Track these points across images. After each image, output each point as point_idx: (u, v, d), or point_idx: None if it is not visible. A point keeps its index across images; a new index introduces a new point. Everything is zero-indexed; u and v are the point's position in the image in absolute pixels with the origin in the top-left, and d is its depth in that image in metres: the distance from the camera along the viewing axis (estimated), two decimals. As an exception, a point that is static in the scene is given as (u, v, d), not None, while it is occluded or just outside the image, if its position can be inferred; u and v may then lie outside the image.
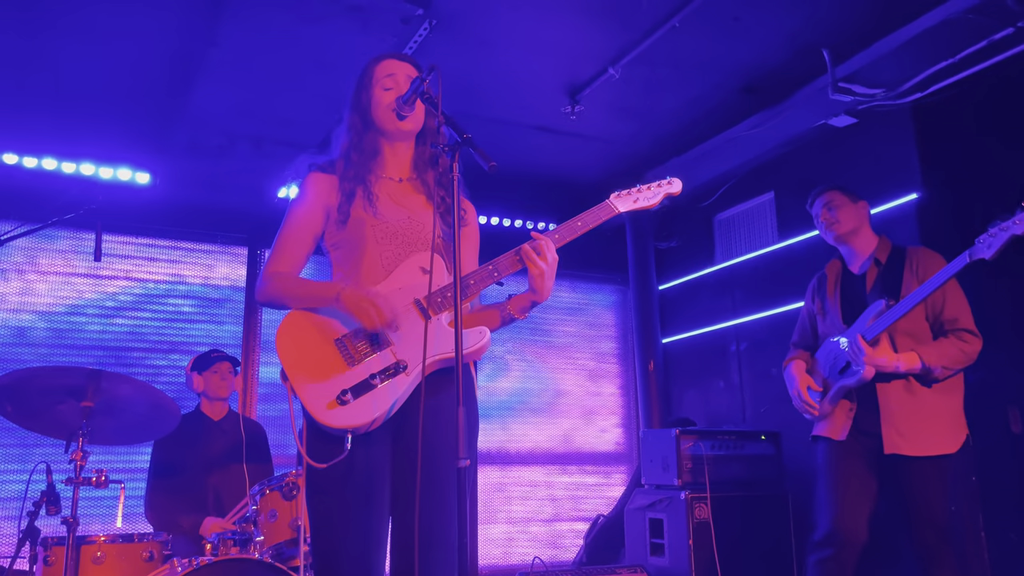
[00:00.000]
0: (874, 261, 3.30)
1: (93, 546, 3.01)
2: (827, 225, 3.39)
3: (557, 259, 2.10)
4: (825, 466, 3.26)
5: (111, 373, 2.99)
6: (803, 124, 4.62)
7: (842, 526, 3.11)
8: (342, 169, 2.22)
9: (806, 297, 3.58)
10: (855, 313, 3.23)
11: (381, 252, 2.13)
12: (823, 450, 3.29)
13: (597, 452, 6.27)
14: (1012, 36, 3.63)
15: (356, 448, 1.98)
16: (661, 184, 2.33)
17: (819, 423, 3.35)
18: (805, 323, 3.57)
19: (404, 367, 2.01)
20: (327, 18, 3.65)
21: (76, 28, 3.86)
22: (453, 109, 2.04)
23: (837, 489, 3.17)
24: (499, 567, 5.66)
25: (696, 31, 3.89)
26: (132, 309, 5.23)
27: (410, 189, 2.26)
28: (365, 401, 1.97)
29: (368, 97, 2.24)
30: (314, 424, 2.00)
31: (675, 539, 4.33)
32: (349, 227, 2.15)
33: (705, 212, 5.81)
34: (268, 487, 3.27)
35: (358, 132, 2.24)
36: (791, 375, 3.45)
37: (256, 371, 5.47)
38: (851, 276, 3.37)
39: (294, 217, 2.22)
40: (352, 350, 2.03)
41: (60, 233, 5.06)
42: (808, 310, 3.55)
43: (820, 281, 3.51)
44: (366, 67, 2.30)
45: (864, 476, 3.15)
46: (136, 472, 4.49)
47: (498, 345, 6.07)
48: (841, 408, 3.25)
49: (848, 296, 3.34)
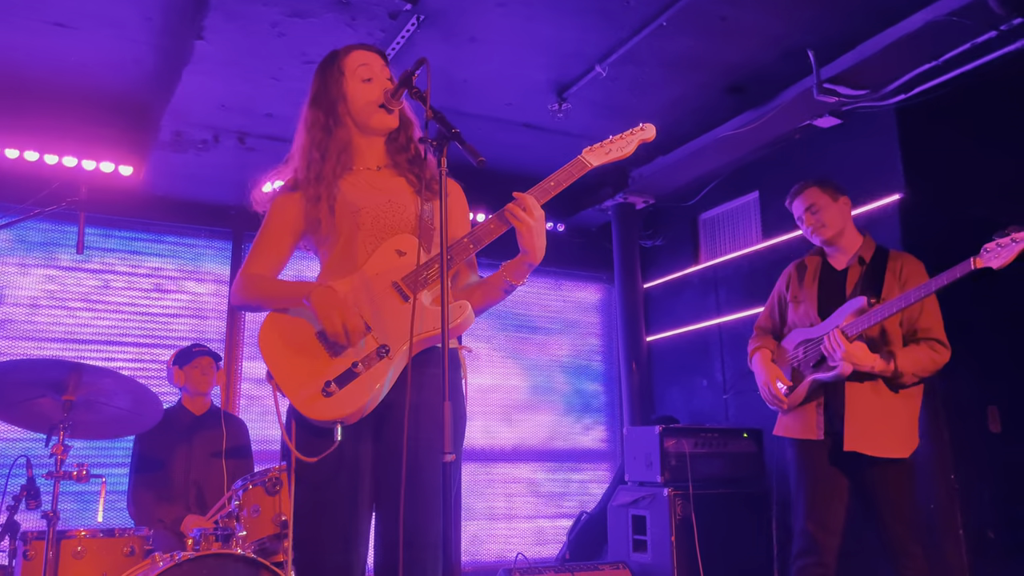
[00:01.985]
0: (858, 259, 3.29)
1: (73, 540, 2.99)
2: (813, 230, 3.32)
3: (544, 215, 2.05)
4: (801, 469, 3.22)
5: (92, 367, 2.97)
6: (788, 124, 4.64)
7: (823, 530, 3.11)
8: (303, 175, 2.14)
9: (779, 282, 3.53)
10: (831, 308, 3.22)
11: (364, 239, 2.10)
12: (798, 452, 3.25)
13: (581, 449, 6.29)
14: (995, 39, 3.66)
15: (343, 441, 1.96)
16: (634, 132, 2.26)
17: (786, 422, 3.31)
18: (775, 308, 3.51)
19: (386, 351, 1.99)
20: (314, 13, 3.63)
21: (60, 18, 3.83)
22: (439, 104, 2.03)
23: (816, 493, 3.16)
24: (483, 563, 5.66)
25: (683, 30, 3.90)
26: (115, 303, 5.19)
27: (387, 175, 2.21)
28: (350, 390, 1.95)
29: (339, 90, 2.17)
30: (302, 419, 1.99)
31: (657, 536, 4.35)
32: (328, 225, 2.12)
33: (690, 211, 5.84)
34: (251, 482, 3.25)
35: (325, 130, 2.15)
36: (758, 366, 3.40)
37: (240, 366, 5.45)
38: (832, 271, 3.35)
39: (271, 217, 2.19)
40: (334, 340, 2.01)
41: (42, 225, 5.02)
42: (780, 295, 3.50)
43: (799, 270, 3.45)
44: (332, 59, 2.22)
45: (838, 475, 3.16)
46: (118, 466, 4.47)
47: (483, 342, 6.07)
48: (809, 405, 3.23)
49: (827, 290, 3.31)
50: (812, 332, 3.26)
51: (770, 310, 3.54)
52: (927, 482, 3.95)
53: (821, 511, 3.13)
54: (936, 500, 3.92)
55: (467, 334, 5.92)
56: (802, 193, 3.36)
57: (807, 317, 3.32)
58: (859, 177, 4.47)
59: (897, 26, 3.77)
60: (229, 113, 4.59)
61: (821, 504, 3.14)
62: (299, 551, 2.02)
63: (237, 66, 4.09)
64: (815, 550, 3.11)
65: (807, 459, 3.21)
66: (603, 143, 2.22)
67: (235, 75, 4.18)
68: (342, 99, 2.17)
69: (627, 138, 2.25)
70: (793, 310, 3.40)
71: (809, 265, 3.42)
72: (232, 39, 3.84)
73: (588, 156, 2.18)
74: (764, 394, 3.36)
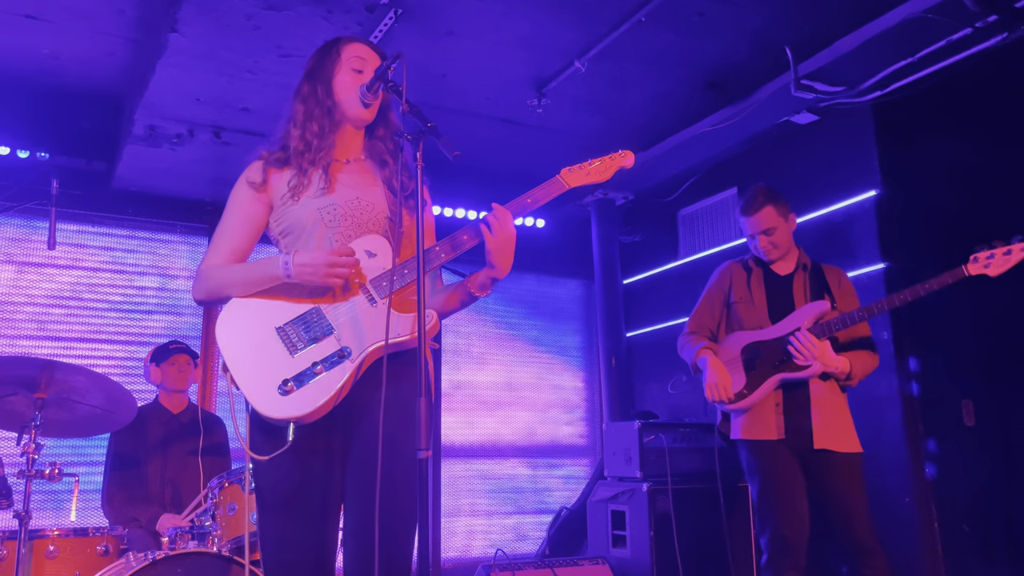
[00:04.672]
0: (802, 266, 3.39)
1: (46, 540, 2.96)
2: (766, 251, 3.37)
3: (515, 233, 2.07)
4: (765, 469, 3.21)
5: (65, 364, 2.91)
6: (766, 121, 4.66)
7: (794, 530, 3.12)
8: (295, 144, 2.13)
9: (719, 280, 3.51)
10: (781, 312, 3.29)
11: (332, 236, 2.07)
12: (757, 452, 3.23)
13: (561, 445, 6.30)
14: (970, 36, 3.69)
15: (306, 440, 1.94)
16: (614, 157, 2.28)
17: (740, 424, 3.30)
18: (715, 308, 3.49)
19: (348, 354, 1.97)
20: (289, 5, 3.59)
21: (32, 11, 3.76)
22: (417, 99, 2.01)
23: (785, 494, 3.16)
24: (462, 560, 5.65)
25: (661, 26, 3.90)
26: (88, 299, 5.12)
27: (358, 170, 2.20)
28: (308, 391, 1.93)
29: (333, 73, 2.16)
30: (257, 416, 1.96)
31: (637, 531, 4.36)
32: (297, 212, 2.09)
33: (669, 207, 5.85)
34: (227, 480, 3.22)
35: (320, 104, 2.14)
36: (710, 366, 3.33)
37: (216, 363, 5.40)
38: (775, 276, 3.41)
39: (233, 207, 2.15)
40: (294, 338, 1.99)
41: (13, 220, 4.94)
42: (723, 296, 3.48)
43: (745, 269, 3.45)
44: (333, 43, 2.21)
45: (797, 475, 3.18)
46: (91, 465, 4.42)
47: (463, 338, 6.06)
48: (767, 404, 3.24)
49: (774, 294, 3.36)
50: (763, 335, 3.31)
51: (710, 311, 3.51)
52: (902, 476, 3.99)
53: (793, 512, 3.14)
54: (911, 494, 3.95)
55: (446, 329, 5.91)
56: (758, 213, 3.35)
57: (755, 320, 3.35)
58: (836, 173, 4.50)
59: (873, 23, 3.80)
60: (204, 107, 4.53)
61: (791, 505, 3.15)
62: (267, 550, 2.00)
63: (212, 59, 4.04)
64: (790, 551, 3.11)
65: (767, 460, 3.21)
66: (583, 165, 2.24)
67: (210, 68, 4.12)
68: (332, 82, 2.16)
69: (607, 163, 2.27)
70: (740, 311, 3.41)
71: (754, 268, 3.45)
72: (206, 32, 3.79)
73: (567, 177, 2.21)
74: (713, 394, 3.30)
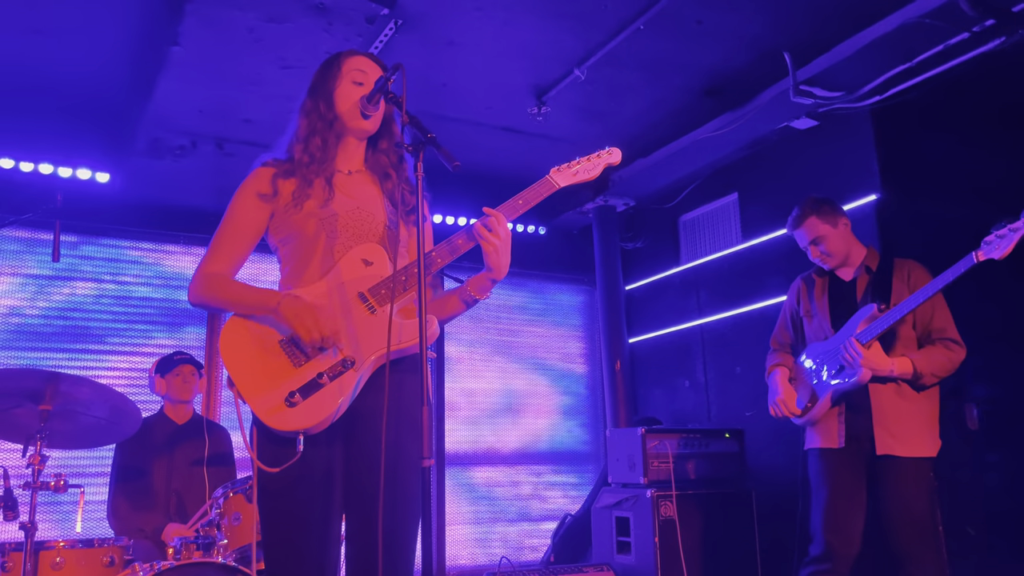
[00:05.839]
0: (865, 269, 3.34)
1: (52, 551, 2.96)
2: (820, 260, 3.38)
3: (510, 234, 2.10)
4: (821, 476, 3.24)
5: (70, 375, 2.93)
6: (765, 126, 4.68)
7: (840, 538, 3.12)
8: (299, 156, 2.16)
9: (789, 297, 3.58)
10: (843, 319, 3.26)
11: (331, 245, 2.09)
12: (817, 460, 3.27)
13: (564, 451, 6.29)
14: (968, 40, 3.71)
15: (308, 449, 1.95)
16: (600, 155, 2.30)
17: (810, 434, 3.35)
18: (788, 323, 3.57)
19: (352, 363, 1.98)
20: (291, 17, 3.62)
21: (36, 26, 3.79)
22: (418, 109, 2.03)
23: (835, 500, 3.17)
24: (466, 568, 5.65)
25: (660, 34, 3.92)
26: (92, 310, 5.14)
27: (359, 181, 2.22)
28: (314, 401, 1.94)
29: (334, 86, 2.19)
30: (264, 428, 1.97)
31: (641, 537, 4.36)
32: (299, 221, 2.11)
33: (670, 213, 5.86)
34: (232, 490, 3.23)
35: (322, 118, 2.17)
36: (775, 384, 3.46)
37: (220, 373, 5.40)
38: (840, 282, 3.40)
39: (237, 213, 2.18)
40: (298, 350, 2.00)
41: (17, 233, 4.96)
42: (792, 310, 3.55)
43: (808, 284, 3.50)
44: (335, 58, 2.25)
45: (858, 484, 3.17)
46: (96, 476, 4.43)
47: (465, 346, 6.07)
48: (831, 413, 3.26)
49: (837, 301, 3.36)
50: (827, 344, 3.30)
51: (783, 326, 3.60)
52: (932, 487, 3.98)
53: (841, 521, 3.14)
54: (916, 497, 3.95)
55: (448, 337, 5.92)
56: (803, 224, 3.37)
57: (821, 330, 3.37)
58: (835, 178, 4.51)
59: (871, 28, 3.81)
60: (206, 119, 4.56)
61: (841, 514, 3.15)
62: (270, 560, 2.01)
63: (214, 72, 4.06)
64: (830, 558, 3.12)
65: (827, 468, 3.23)
66: (570, 164, 2.26)
67: (212, 81, 4.15)
68: (334, 94, 2.19)
69: (593, 160, 2.29)
70: (808, 324, 3.45)
71: (817, 279, 3.46)
72: (208, 45, 3.81)
73: (556, 176, 2.23)
74: (776, 411, 3.41)
